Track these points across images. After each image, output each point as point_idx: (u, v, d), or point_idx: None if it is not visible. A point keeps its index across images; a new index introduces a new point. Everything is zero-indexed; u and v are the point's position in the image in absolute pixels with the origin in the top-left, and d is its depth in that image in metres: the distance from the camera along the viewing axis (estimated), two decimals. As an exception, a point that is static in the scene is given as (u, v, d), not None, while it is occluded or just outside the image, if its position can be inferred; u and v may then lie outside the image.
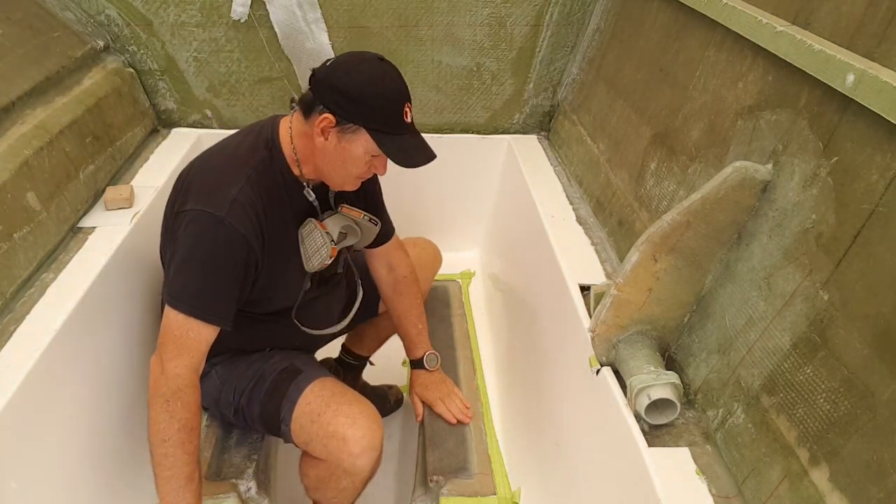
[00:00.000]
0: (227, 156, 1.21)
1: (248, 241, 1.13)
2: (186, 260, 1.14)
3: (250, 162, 1.17)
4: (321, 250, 1.25)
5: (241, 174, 1.15)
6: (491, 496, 1.46)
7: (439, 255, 1.82)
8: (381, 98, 1.10)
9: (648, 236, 1.10)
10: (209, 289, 1.14)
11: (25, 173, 1.35)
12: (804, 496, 0.86)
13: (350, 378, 1.85)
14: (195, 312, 1.12)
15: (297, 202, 1.24)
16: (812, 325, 0.90)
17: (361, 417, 1.27)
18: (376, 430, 1.27)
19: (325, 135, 1.12)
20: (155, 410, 1.11)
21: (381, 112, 1.11)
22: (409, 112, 1.14)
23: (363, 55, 1.14)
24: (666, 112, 1.45)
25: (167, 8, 1.91)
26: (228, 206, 1.11)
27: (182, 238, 1.14)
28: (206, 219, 1.11)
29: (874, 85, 0.82)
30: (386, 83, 1.11)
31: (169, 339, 1.12)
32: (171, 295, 1.13)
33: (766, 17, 1.09)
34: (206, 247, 1.12)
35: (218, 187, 1.13)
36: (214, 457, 1.49)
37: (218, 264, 1.14)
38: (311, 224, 1.25)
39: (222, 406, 1.40)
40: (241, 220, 1.12)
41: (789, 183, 1.00)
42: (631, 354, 1.17)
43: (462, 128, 2.25)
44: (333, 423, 1.25)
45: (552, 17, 2.01)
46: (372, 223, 1.37)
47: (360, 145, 1.13)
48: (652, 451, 1.04)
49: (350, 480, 1.31)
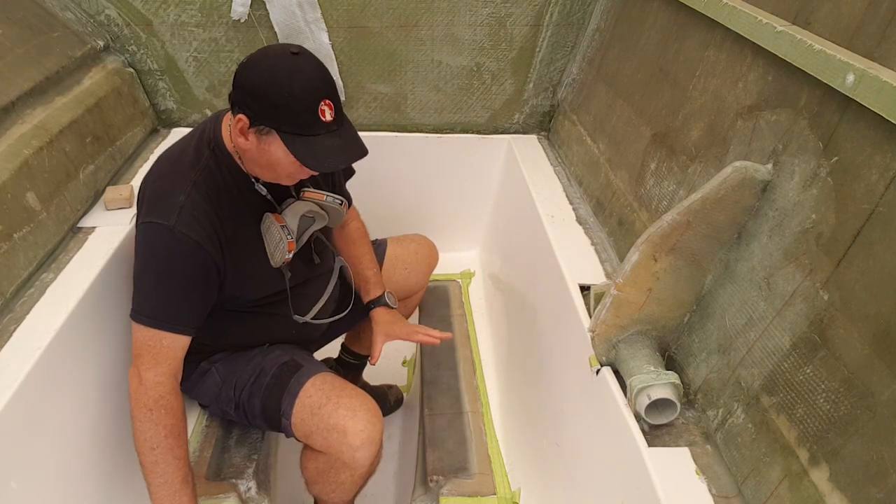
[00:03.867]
0: (173, 162, 1.19)
1: (202, 246, 1.12)
2: (144, 272, 1.15)
3: (196, 165, 1.15)
4: (279, 245, 1.22)
5: (187, 180, 1.13)
6: (491, 496, 1.46)
7: (435, 251, 1.82)
8: (288, 97, 1.02)
9: (648, 236, 1.10)
10: (170, 299, 1.15)
11: (25, 173, 1.35)
12: (804, 496, 0.86)
13: (350, 378, 1.85)
14: (160, 324, 1.13)
15: (252, 198, 1.22)
16: (812, 325, 0.90)
17: (362, 410, 1.27)
18: (377, 424, 1.27)
19: (245, 135, 1.08)
20: (140, 421, 1.12)
21: (288, 112, 1.03)
22: (330, 110, 1.05)
23: (274, 49, 1.07)
24: (666, 112, 1.45)
25: (167, 8, 1.91)
26: (177, 215, 1.10)
27: (138, 250, 1.15)
28: (156, 230, 1.11)
29: (874, 85, 0.82)
30: (294, 81, 1.01)
31: (143, 350, 1.13)
32: (134, 309, 1.14)
33: (766, 17, 1.09)
34: (160, 258, 1.12)
35: (165, 196, 1.12)
36: (214, 457, 1.49)
37: (174, 274, 1.13)
38: (269, 219, 1.23)
39: (223, 402, 1.40)
40: (193, 227, 1.11)
41: (789, 183, 1.00)
42: (631, 354, 1.17)
43: (462, 128, 2.25)
44: (334, 416, 1.25)
45: (552, 17, 2.01)
46: (336, 202, 1.32)
47: (278, 147, 1.06)
48: (652, 451, 1.04)
49: (349, 474, 1.31)
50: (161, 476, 1.13)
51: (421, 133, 2.23)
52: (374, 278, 1.55)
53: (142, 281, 1.15)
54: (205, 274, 1.16)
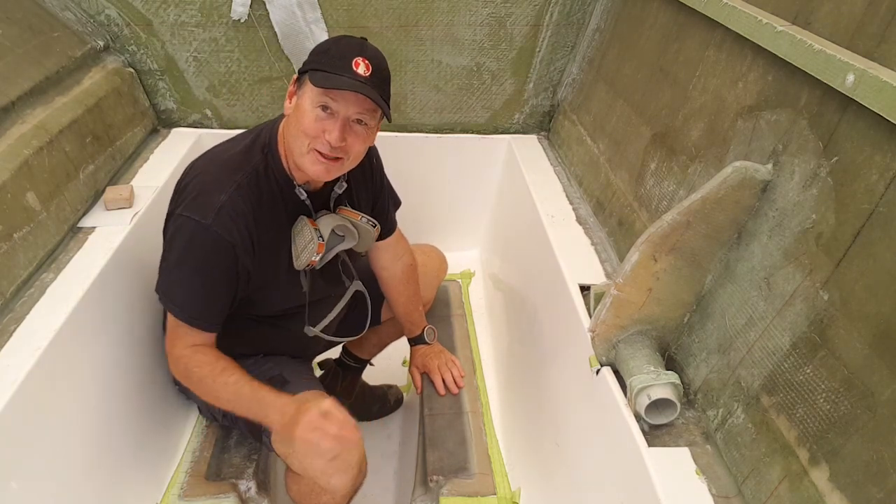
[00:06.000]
0: (222, 162, 1.21)
1: (234, 248, 1.15)
2: (177, 264, 1.18)
3: (244, 168, 1.17)
4: (308, 246, 1.23)
5: (231, 181, 1.15)
6: (491, 496, 1.46)
7: (445, 263, 1.82)
8: (330, 44, 1.12)
9: (648, 236, 1.10)
10: (201, 296, 1.19)
11: (25, 173, 1.35)
12: (804, 496, 0.86)
13: (349, 379, 1.85)
14: (191, 320, 1.19)
15: (291, 203, 1.24)
16: (812, 325, 0.90)
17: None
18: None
19: (290, 98, 1.15)
20: (192, 387, 1.23)
21: (325, 55, 1.11)
22: (366, 67, 1.09)
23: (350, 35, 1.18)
24: (666, 112, 1.45)
25: (167, 8, 1.91)
26: (215, 214, 1.12)
27: (172, 241, 1.18)
28: (193, 226, 1.13)
29: (874, 85, 0.82)
30: (341, 39, 1.13)
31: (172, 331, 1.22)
32: (163, 292, 1.20)
33: (766, 17, 1.09)
34: (195, 254, 1.15)
35: (208, 194, 1.14)
36: (214, 457, 1.49)
37: (206, 272, 1.17)
38: (302, 221, 1.24)
39: (213, 409, 1.40)
40: (229, 228, 1.13)
41: (789, 183, 1.00)
42: (631, 354, 1.16)
43: (462, 128, 2.25)
44: None
45: (552, 17, 2.01)
46: (370, 225, 1.35)
47: (307, 97, 1.10)
48: (652, 451, 1.04)
49: (329, 497, 1.28)
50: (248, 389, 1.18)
51: (421, 133, 2.23)
52: (418, 319, 1.61)
53: (174, 272, 1.19)
54: (234, 275, 1.18)
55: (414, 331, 1.61)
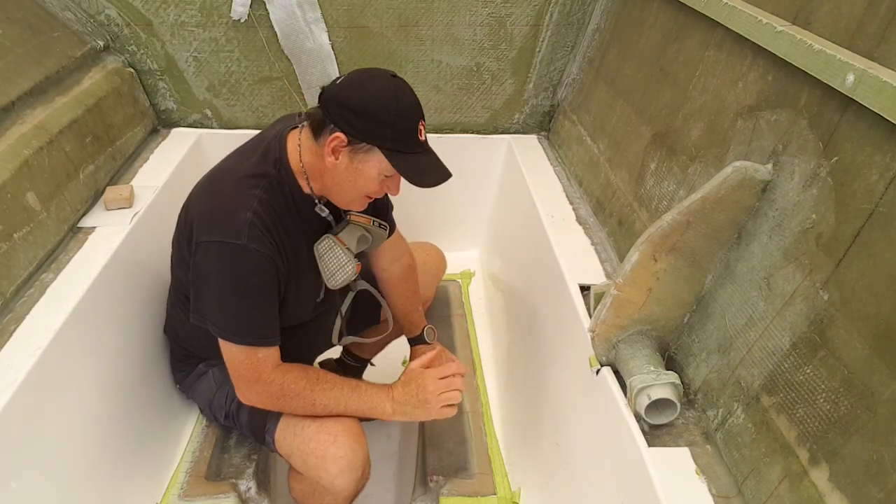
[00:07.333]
0: (234, 180, 1.17)
1: (273, 261, 1.13)
2: (222, 292, 1.14)
3: (260, 183, 1.15)
4: (346, 267, 1.24)
5: (250, 196, 1.12)
6: (491, 496, 1.47)
7: (444, 261, 1.82)
8: (395, 116, 1.06)
9: (648, 236, 1.10)
10: (254, 316, 1.15)
11: (25, 173, 1.35)
12: (804, 496, 0.86)
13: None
14: (252, 341, 1.15)
15: (309, 219, 1.22)
16: (812, 325, 0.90)
17: (344, 436, 1.22)
18: (358, 450, 1.23)
19: (336, 154, 1.09)
20: (282, 406, 1.21)
21: (394, 130, 1.07)
22: (424, 129, 1.11)
23: (375, 71, 1.11)
24: (666, 112, 1.45)
25: (167, 8, 1.91)
26: (247, 232, 1.09)
27: (208, 270, 1.13)
28: (228, 249, 1.09)
29: (874, 85, 0.82)
30: (400, 100, 1.07)
31: (242, 369, 1.17)
32: (220, 328, 1.15)
33: (766, 17, 1.09)
34: (239, 277, 1.12)
35: (230, 214, 1.11)
36: (214, 457, 1.49)
37: (255, 291, 1.14)
38: (330, 240, 1.23)
39: (215, 409, 1.40)
40: (263, 242, 1.11)
41: (789, 183, 1.00)
42: (631, 354, 1.16)
43: (462, 128, 2.25)
44: (314, 439, 1.22)
45: (552, 17, 2.01)
46: (381, 228, 1.35)
47: (374, 165, 1.10)
48: (652, 451, 1.04)
49: (332, 498, 1.29)
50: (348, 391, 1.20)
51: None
52: (417, 319, 1.60)
53: (223, 302, 1.14)
54: (277, 285, 1.18)
55: (414, 331, 1.60)
